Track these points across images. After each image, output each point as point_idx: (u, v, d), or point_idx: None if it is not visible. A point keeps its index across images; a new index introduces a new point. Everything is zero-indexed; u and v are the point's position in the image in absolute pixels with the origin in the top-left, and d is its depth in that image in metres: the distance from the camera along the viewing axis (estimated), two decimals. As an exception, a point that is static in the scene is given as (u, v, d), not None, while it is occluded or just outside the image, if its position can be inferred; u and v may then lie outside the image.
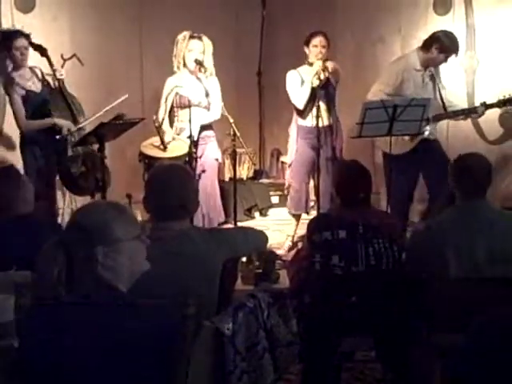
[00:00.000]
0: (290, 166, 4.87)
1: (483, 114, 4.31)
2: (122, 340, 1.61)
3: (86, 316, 1.64)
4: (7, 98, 4.43)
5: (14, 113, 4.37)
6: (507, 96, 4.17)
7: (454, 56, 4.34)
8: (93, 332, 1.61)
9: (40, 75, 4.50)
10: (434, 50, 4.31)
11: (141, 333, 1.62)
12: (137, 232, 1.75)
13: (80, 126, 4.38)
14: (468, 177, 2.72)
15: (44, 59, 4.52)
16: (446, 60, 4.36)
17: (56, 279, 1.67)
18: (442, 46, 4.29)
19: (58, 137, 4.29)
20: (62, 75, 4.50)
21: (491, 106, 4.25)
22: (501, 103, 4.20)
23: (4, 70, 4.36)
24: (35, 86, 4.45)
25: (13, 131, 4.67)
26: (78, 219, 1.74)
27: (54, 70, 4.49)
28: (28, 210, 2.84)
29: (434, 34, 4.38)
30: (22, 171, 3.62)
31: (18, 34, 4.34)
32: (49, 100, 4.44)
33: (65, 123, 4.34)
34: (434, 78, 4.44)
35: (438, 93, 4.42)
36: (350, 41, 5.95)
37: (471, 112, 4.39)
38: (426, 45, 4.36)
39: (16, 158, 4.56)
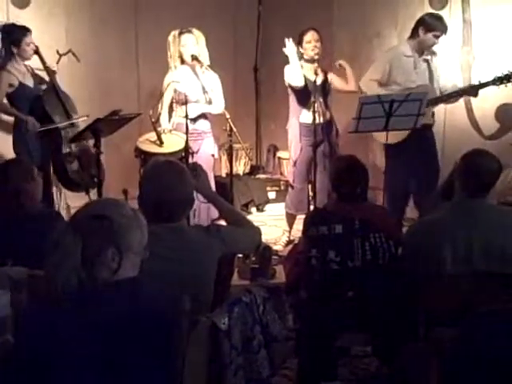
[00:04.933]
0: (294, 164, 4.79)
1: (477, 93, 4.29)
2: (118, 335, 1.61)
3: (81, 311, 1.63)
4: None
5: None
6: (505, 72, 4.13)
7: (443, 35, 4.33)
8: (88, 327, 1.61)
9: (31, 71, 4.51)
10: (421, 32, 4.34)
11: (136, 328, 1.62)
12: (143, 250, 1.74)
13: (57, 124, 4.39)
14: (475, 176, 2.66)
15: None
16: (436, 40, 4.35)
17: (75, 270, 1.63)
18: (427, 25, 4.32)
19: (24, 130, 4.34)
20: (54, 67, 4.53)
21: (486, 84, 4.22)
22: (496, 81, 4.17)
23: (2, 59, 4.38)
24: (29, 81, 4.47)
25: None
26: (105, 212, 1.68)
27: (46, 67, 4.50)
28: (34, 204, 2.85)
29: (419, 18, 4.43)
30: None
31: (28, 30, 4.40)
32: (41, 96, 4.45)
33: (29, 118, 4.34)
34: (429, 64, 4.45)
35: (433, 78, 4.43)
36: (346, 36, 5.94)
37: (465, 92, 4.39)
38: (413, 30, 4.41)
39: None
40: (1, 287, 2.21)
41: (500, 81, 4.16)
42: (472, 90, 4.33)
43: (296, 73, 4.53)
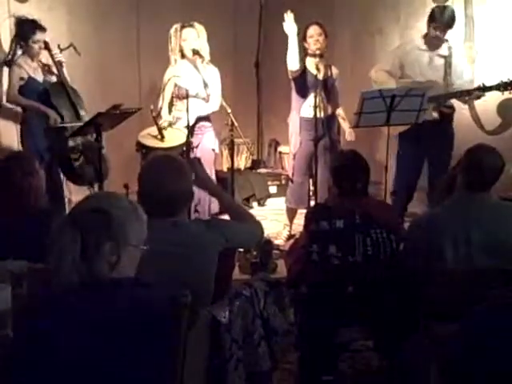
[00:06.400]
0: (294, 158, 4.80)
1: (478, 96, 4.28)
2: (118, 328, 1.61)
3: (81, 306, 1.63)
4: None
5: (9, 85, 4.45)
6: (511, 79, 4.11)
7: (444, 28, 4.30)
8: (88, 322, 1.61)
9: (41, 65, 4.53)
10: (427, 24, 4.34)
11: (137, 322, 1.62)
12: (142, 244, 1.74)
13: (71, 123, 4.43)
14: (478, 172, 2.65)
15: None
16: (436, 31, 4.31)
17: (75, 265, 1.63)
18: (430, 17, 4.32)
19: (46, 126, 4.39)
20: (60, 56, 4.54)
21: (490, 88, 4.21)
22: (500, 86, 4.15)
23: (13, 52, 4.45)
24: (39, 75, 4.51)
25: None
26: (103, 205, 1.67)
27: (55, 62, 4.51)
28: (39, 200, 2.84)
29: None
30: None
31: (40, 27, 4.41)
32: (48, 89, 4.47)
33: (51, 112, 4.38)
34: (446, 61, 4.40)
35: (448, 75, 4.40)
36: (348, 32, 5.93)
37: (467, 94, 4.37)
38: (427, 22, 4.38)
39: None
40: (1, 281, 2.21)
41: (504, 87, 4.13)
42: (475, 95, 4.30)
43: (291, 54, 4.49)
